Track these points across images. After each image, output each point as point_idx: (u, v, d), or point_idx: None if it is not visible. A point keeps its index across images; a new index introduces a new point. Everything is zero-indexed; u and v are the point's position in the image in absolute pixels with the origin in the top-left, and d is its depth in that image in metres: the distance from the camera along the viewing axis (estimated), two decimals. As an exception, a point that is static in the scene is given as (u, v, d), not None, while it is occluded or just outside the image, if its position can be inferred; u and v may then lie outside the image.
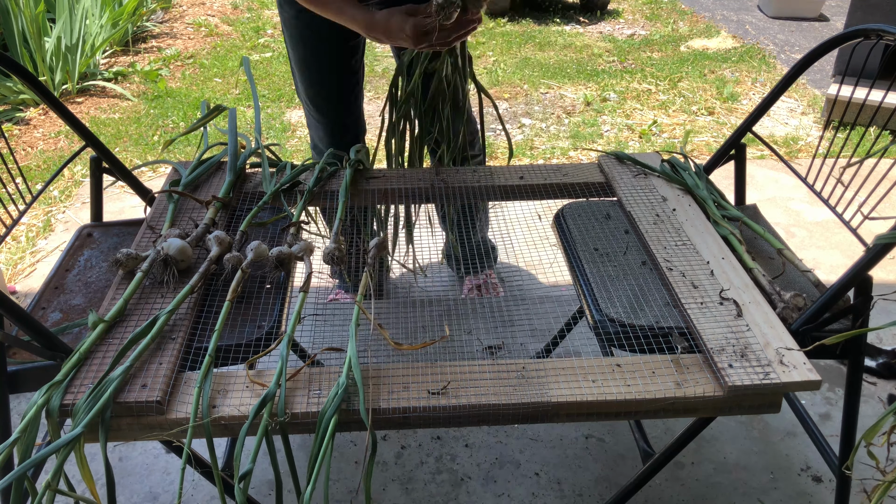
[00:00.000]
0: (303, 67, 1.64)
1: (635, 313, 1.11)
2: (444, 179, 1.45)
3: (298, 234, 1.24)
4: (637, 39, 4.50)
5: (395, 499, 1.49)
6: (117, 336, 1.01)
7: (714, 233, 1.25)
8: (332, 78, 1.65)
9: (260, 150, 1.46)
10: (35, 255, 2.30)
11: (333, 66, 1.64)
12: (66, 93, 3.53)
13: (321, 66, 1.63)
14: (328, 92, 1.67)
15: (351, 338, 0.99)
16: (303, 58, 1.62)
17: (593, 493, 1.50)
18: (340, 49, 1.62)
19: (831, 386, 1.79)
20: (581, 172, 1.48)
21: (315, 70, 1.64)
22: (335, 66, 1.64)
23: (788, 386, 0.94)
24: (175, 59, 4.07)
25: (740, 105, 3.49)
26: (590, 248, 1.28)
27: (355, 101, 1.72)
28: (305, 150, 3.00)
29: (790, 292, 1.11)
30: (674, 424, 1.67)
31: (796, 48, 4.32)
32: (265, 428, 0.88)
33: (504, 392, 0.95)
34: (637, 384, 0.95)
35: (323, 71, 1.64)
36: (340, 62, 1.63)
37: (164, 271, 1.11)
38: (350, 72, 1.66)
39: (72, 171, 2.79)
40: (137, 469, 1.55)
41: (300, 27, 1.58)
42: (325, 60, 1.62)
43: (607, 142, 3.12)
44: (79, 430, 0.86)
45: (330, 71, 1.64)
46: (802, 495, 1.50)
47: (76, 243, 1.38)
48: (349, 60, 1.65)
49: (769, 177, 2.77)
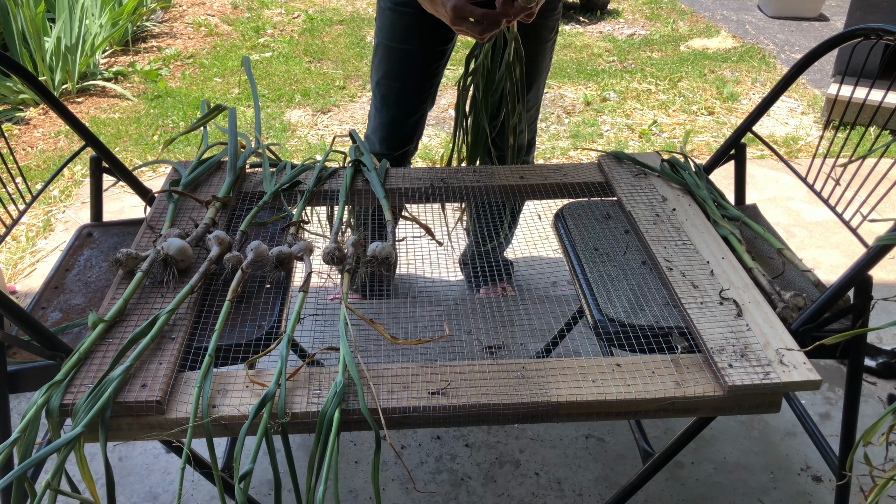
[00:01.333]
0: (387, 55, 1.64)
1: (635, 313, 1.11)
2: (444, 179, 1.45)
3: (298, 234, 1.24)
4: (637, 39, 4.50)
5: (396, 498, 1.49)
6: (117, 336, 1.01)
7: (714, 233, 1.25)
8: (412, 74, 1.66)
9: (260, 150, 1.46)
10: (35, 254, 2.30)
11: (417, 63, 1.64)
12: (66, 93, 3.53)
13: (405, 59, 1.63)
14: (402, 86, 1.67)
15: (342, 337, 0.99)
16: (389, 46, 1.63)
17: (593, 493, 1.50)
18: (428, 50, 1.62)
19: (831, 386, 1.79)
20: (581, 172, 1.48)
21: (397, 61, 1.64)
22: (418, 63, 1.64)
23: (788, 386, 0.94)
24: (175, 59, 4.07)
25: (740, 105, 3.49)
26: (590, 248, 1.28)
27: (422, 103, 1.72)
28: (305, 149, 3.00)
29: (790, 292, 1.11)
30: (674, 424, 1.67)
31: (796, 48, 4.32)
32: (265, 428, 0.88)
33: (504, 392, 0.95)
34: (637, 384, 0.95)
35: (404, 64, 1.64)
36: (424, 62, 1.64)
37: (164, 271, 1.11)
38: (430, 75, 1.67)
39: (72, 170, 2.79)
40: (137, 469, 1.55)
41: (397, 17, 1.58)
42: (411, 55, 1.63)
43: (607, 142, 3.12)
44: (79, 430, 0.86)
45: (412, 67, 1.65)
46: (802, 495, 1.50)
47: (76, 243, 1.38)
48: (432, 64, 1.66)
49: (769, 177, 2.77)
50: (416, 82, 1.67)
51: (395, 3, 1.57)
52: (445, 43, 1.63)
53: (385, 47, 1.64)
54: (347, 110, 3.45)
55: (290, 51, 4.20)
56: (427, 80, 1.69)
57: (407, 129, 1.75)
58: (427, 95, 1.72)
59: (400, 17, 1.58)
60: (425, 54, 1.63)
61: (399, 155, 1.77)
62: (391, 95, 1.69)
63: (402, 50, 1.62)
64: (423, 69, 1.66)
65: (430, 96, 1.73)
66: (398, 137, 1.75)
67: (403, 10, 1.56)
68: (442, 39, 1.62)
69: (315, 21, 4.76)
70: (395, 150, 1.76)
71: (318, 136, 3.16)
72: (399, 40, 1.61)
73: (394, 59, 1.64)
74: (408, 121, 1.73)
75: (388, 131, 1.74)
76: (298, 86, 3.69)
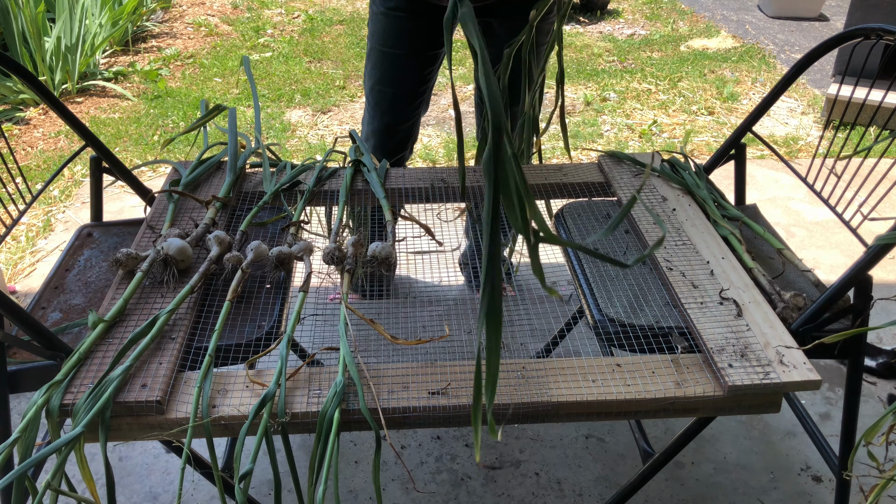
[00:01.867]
0: (379, 60, 1.64)
1: (635, 313, 1.11)
2: (444, 179, 1.45)
3: (298, 234, 1.24)
4: (637, 39, 4.50)
5: (396, 498, 1.49)
6: (117, 336, 1.01)
7: (714, 233, 1.25)
8: (405, 79, 1.65)
9: (260, 150, 1.45)
10: (35, 254, 2.30)
11: (410, 67, 1.64)
12: (66, 92, 3.53)
13: (397, 63, 1.63)
14: (395, 91, 1.67)
15: (342, 337, 0.99)
16: (382, 51, 1.62)
17: (593, 493, 1.50)
18: (421, 54, 1.62)
19: (831, 386, 1.79)
20: (581, 172, 1.48)
21: (389, 66, 1.64)
22: (411, 68, 1.64)
23: (788, 386, 0.94)
24: (175, 59, 4.07)
25: (740, 105, 3.49)
26: (590, 248, 1.28)
27: (415, 109, 1.72)
28: (305, 149, 3.00)
29: (790, 292, 1.11)
30: (674, 424, 1.67)
31: (796, 48, 4.32)
32: (265, 428, 0.88)
33: (504, 392, 0.95)
34: (637, 384, 0.95)
35: (397, 68, 1.64)
36: (417, 67, 1.64)
37: (164, 271, 1.11)
38: (422, 80, 1.67)
39: (72, 170, 2.79)
40: (137, 469, 1.55)
41: (389, 21, 1.57)
42: (403, 60, 1.62)
43: (607, 142, 3.12)
44: (79, 430, 0.86)
45: (405, 72, 1.64)
46: (802, 495, 1.50)
47: (76, 243, 1.38)
48: (425, 69, 1.65)
49: (769, 177, 2.77)
50: (408, 87, 1.67)
51: (387, 8, 1.56)
52: (438, 47, 1.63)
53: (378, 52, 1.63)
54: (347, 110, 3.45)
55: (290, 51, 4.20)
56: (420, 86, 1.68)
57: (401, 135, 1.75)
58: (420, 101, 1.72)
59: (392, 21, 1.57)
60: (418, 58, 1.63)
61: (393, 161, 1.77)
62: (384, 102, 1.69)
63: (395, 55, 1.62)
64: (415, 74, 1.65)
65: (423, 102, 1.73)
66: (392, 144, 1.75)
67: (395, 15, 1.55)
68: (434, 44, 1.61)
69: (315, 21, 4.76)
70: (390, 157, 1.76)
71: (318, 136, 3.16)
72: (391, 45, 1.61)
73: (386, 63, 1.64)
74: (401, 127, 1.73)
75: (381, 138, 1.74)
76: (298, 86, 3.70)
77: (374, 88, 1.68)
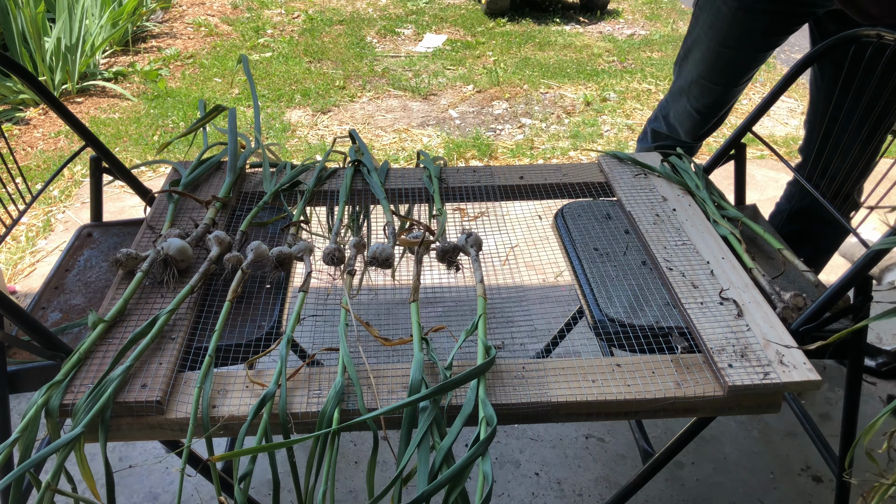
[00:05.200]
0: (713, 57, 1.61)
1: (635, 313, 1.11)
2: (444, 179, 1.45)
3: (298, 235, 1.24)
4: (637, 39, 4.50)
5: (395, 499, 1.49)
6: (117, 336, 1.01)
7: (714, 233, 1.25)
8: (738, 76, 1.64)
9: (260, 150, 1.45)
10: (35, 254, 2.30)
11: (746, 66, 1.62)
12: (65, 93, 3.53)
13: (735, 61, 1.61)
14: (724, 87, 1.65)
15: (341, 338, 0.99)
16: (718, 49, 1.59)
17: (593, 493, 1.50)
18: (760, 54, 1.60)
19: (831, 386, 1.79)
20: (581, 172, 1.48)
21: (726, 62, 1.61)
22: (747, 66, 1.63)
23: (788, 386, 0.94)
24: (175, 59, 4.07)
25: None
26: (590, 248, 1.28)
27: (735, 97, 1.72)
28: (305, 149, 3.00)
29: (790, 292, 1.11)
30: (674, 424, 1.67)
31: (796, 48, 4.31)
32: (265, 428, 0.88)
33: (504, 392, 0.95)
34: (637, 384, 0.95)
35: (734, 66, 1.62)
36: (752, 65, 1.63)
37: (164, 271, 1.11)
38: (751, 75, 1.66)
39: (72, 171, 2.79)
40: (137, 469, 1.55)
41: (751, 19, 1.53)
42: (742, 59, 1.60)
43: (607, 142, 3.12)
44: (79, 430, 0.86)
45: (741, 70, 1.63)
46: (802, 495, 1.50)
47: (76, 243, 1.38)
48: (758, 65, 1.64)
49: (769, 177, 2.77)
50: (738, 82, 1.65)
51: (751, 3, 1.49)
52: (774, 47, 1.60)
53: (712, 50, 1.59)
54: (347, 110, 3.45)
55: (290, 51, 4.20)
56: (748, 81, 1.67)
57: (718, 121, 1.76)
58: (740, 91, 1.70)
59: (753, 20, 1.51)
60: (756, 58, 1.61)
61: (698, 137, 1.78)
62: (708, 95, 1.67)
63: (735, 54, 1.59)
64: (749, 71, 1.64)
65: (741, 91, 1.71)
66: (707, 129, 1.76)
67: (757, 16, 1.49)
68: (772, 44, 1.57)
69: (315, 21, 4.76)
70: (698, 140, 1.78)
71: (318, 136, 3.16)
72: (733, 45, 1.57)
73: (722, 61, 1.61)
74: (720, 112, 1.73)
75: (694, 124, 1.74)
76: (298, 86, 3.70)
77: (699, 81, 1.66)
